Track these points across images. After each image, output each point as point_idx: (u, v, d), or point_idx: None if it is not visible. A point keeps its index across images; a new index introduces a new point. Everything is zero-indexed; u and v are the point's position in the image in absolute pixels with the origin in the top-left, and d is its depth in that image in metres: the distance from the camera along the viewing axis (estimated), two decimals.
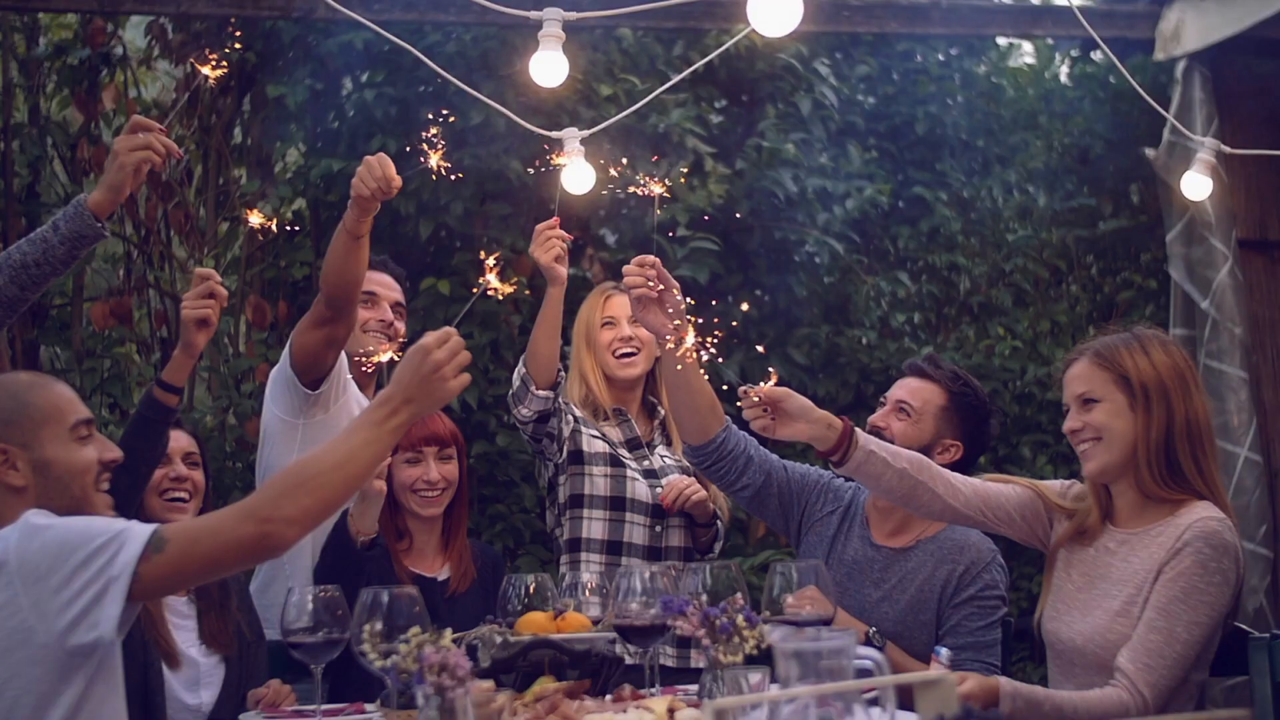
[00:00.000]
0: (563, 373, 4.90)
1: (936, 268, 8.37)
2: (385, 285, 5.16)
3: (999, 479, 4.25)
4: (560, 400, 4.97)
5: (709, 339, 4.22)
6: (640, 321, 4.45)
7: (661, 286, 4.31)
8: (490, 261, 3.90)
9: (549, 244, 4.71)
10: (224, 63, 4.36)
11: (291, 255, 7.69)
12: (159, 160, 3.90)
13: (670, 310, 4.33)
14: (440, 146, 4.51)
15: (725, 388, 5.11)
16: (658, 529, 4.97)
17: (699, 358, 4.33)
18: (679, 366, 4.38)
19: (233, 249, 8.02)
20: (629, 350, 5.03)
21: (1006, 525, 4.15)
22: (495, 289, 3.90)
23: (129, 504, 4.10)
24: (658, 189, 4.53)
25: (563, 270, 4.74)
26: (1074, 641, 3.89)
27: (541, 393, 4.83)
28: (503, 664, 3.53)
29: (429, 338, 3.12)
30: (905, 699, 2.67)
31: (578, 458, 4.99)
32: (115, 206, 3.92)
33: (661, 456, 5.11)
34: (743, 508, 4.91)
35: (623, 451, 5.01)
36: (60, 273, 3.91)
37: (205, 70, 4.39)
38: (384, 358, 3.92)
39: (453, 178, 4.77)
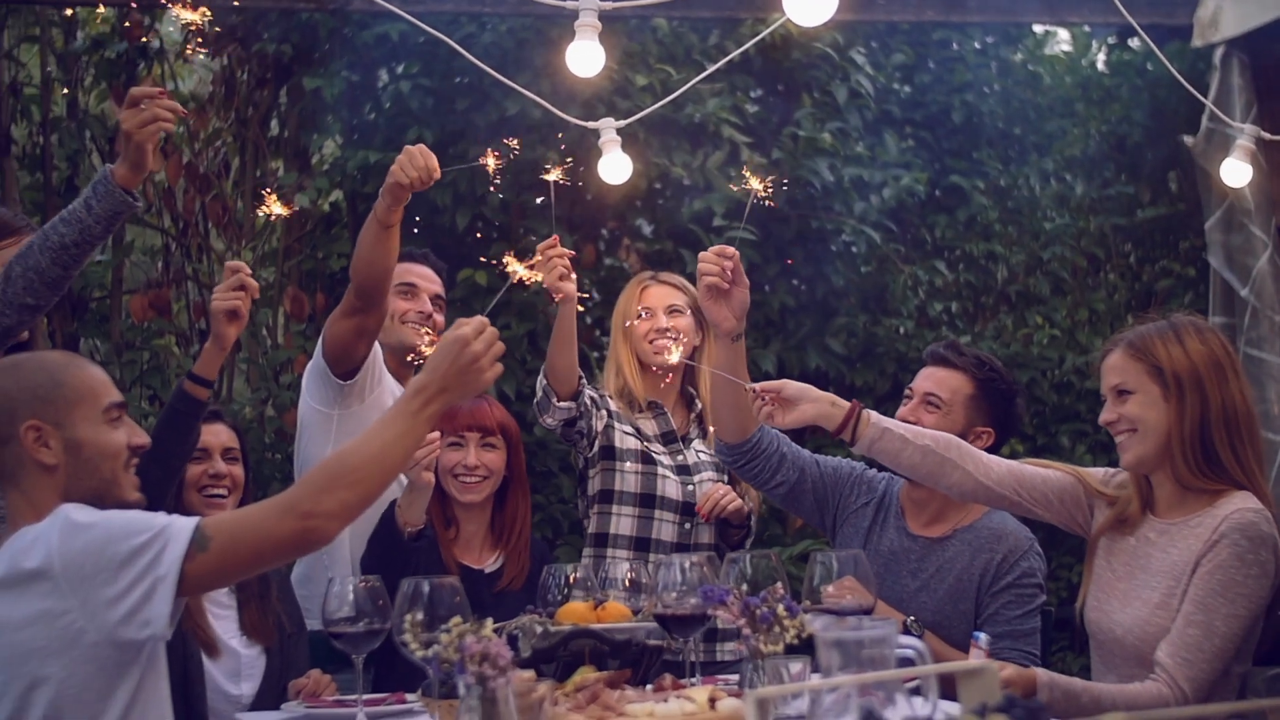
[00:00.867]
0: (584, 379, 4.89)
1: (974, 256, 8.33)
2: (425, 278, 5.17)
3: (1039, 463, 4.23)
4: (595, 393, 4.97)
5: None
6: (704, 310, 4.45)
7: (733, 281, 4.33)
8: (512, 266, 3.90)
9: (550, 265, 4.70)
10: (205, 9, 4.32)
11: (329, 247, 7.71)
12: (171, 125, 3.89)
13: (736, 305, 4.35)
14: (498, 161, 4.52)
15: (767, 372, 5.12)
16: (687, 526, 4.98)
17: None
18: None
19: (270, 241, 8.04)
20: (665, 339, 5.02)
21: (1043, 508, 4.13)
22: (524, 277, 3.90)
23: (160, 497, 4.11)
24: (755, 183, 4.53)
25: (569, 288, 4.72)
26: (1114, 632, 3.87)
27: (563, 404, 4.83)
28: (543, 654, 3.53)
29: (466, 328, 3.11)
30: (945, 688, 2.67)
31: (609, 453, 4.99)
32: (141, 179, 3.92)
33: (697, 451, 5.11)
34: (778, 505, 4.90)
35: (656, 446, 5.01)
36: (97, 247, 3.91)
37: (190, 15, 4.32)
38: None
39: (492, 187, 4.76)
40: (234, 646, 4.38)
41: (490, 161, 4.53)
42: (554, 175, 4.56)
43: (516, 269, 3.87)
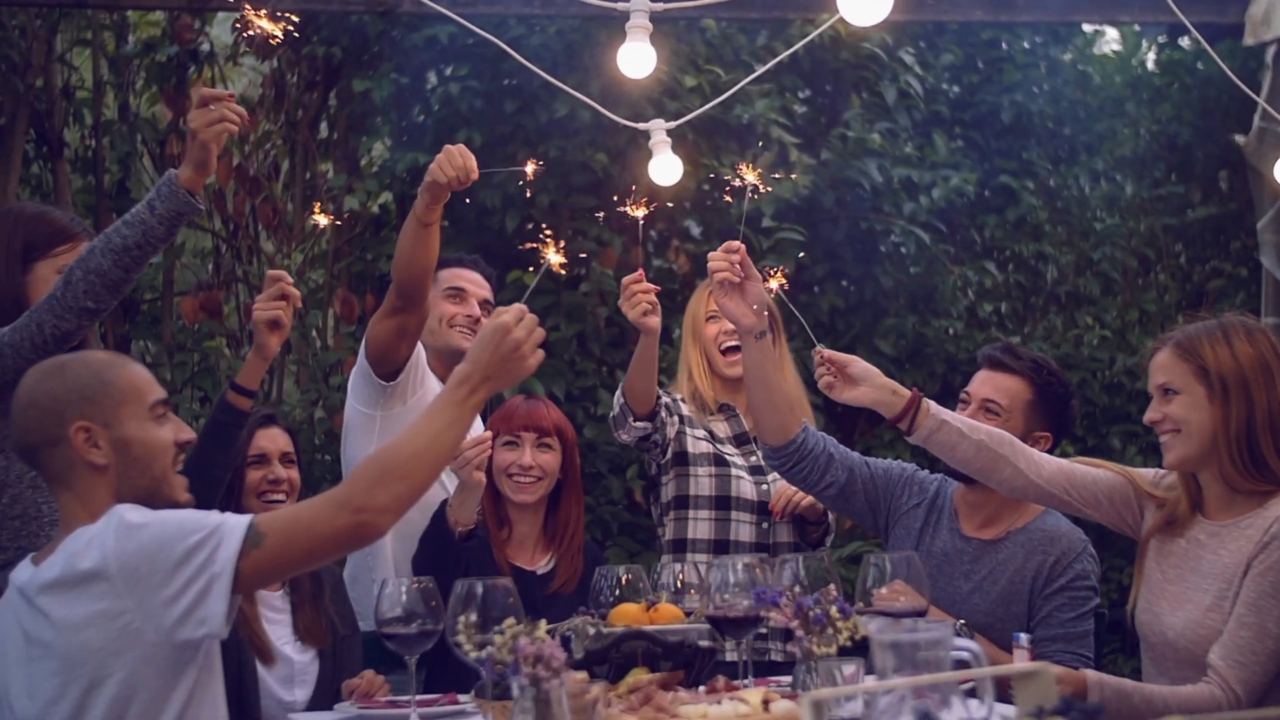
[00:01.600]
0: (660, 399, 4.89)
1: (1023, 257, 8.31)
2: (474, 282, 5.16)
3: (1090, 462, 4.19)
4: (668, 399, 4.97)
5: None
6: (721, 309, 4.44)
7: (744, 275, 4.32)
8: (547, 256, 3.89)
9: (635, 300, 4.69)
10: (279, 19, 4.34)
11: (378, 249, 7.74)
12: (236, 129, 3.90)
13: (752, 301, 4.34)
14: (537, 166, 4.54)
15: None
16: (765, 526, 4.97)
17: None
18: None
19: (320, 243, 8.08)
20: (734, 344, 5.01)
21: (1093, 508, 4.10)
22: (556, 264, 3.90)
23: (205, 508, 4.11)
24: (750, 177, 4.51)
25: (653, 322, 4.68)
26: (1165, 635, 3.85)
27: (639, 424, 4.84)
28: (596, 655, 3.53)
29: (506, 315, 3.10)
30: (999, 691, 2.66)
31: (682, 459, 5.00)
32: (204, 181, 3.93)
33: None
34: (829, 507, 4.89)
35: (728, 448, 5.00)
36: (158, 250, 3.93)
37: (262, 23, 4.35)
38: None
39: (528, 193, 4.74)
40: (287, 653, 4.37)
41: (529, 168, 4.52)
42: (640, 211, 4.53)
43: (551, 257, 3.86)
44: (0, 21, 7.56)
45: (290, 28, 4.27)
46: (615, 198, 4.92)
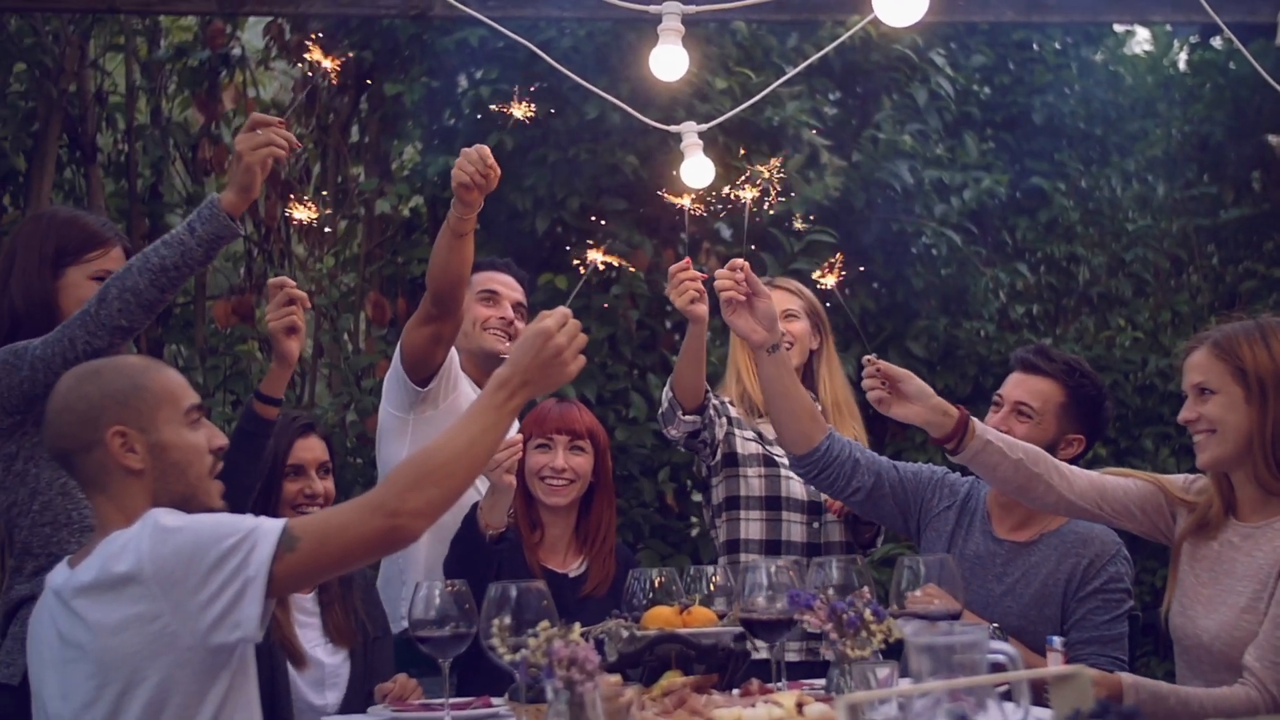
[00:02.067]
0: (709, 393, 4.89)
1: (1055, 258, 8.29)
2: (507, 285, 5.18)
3: (1119, 473, 4.18)
4: (716, 401, 4.98)
5: None
6: (731, 325, 4.45)
7: (752, 291, 4.33)
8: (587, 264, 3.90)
9: (683, 288, 4.69)
10: (340, 59, 4.39)
11: (410, 252, 7.76)
12: (283, 154, 3.90)
13: (762, 317, 4.35)
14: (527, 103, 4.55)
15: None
16: (815, 525, 4.97)
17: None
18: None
19: (351, 246, 8.10)
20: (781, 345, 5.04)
21: (1125, 519, 4.09)
22: (600, 263, 3.91)
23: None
24: (749, 195, 4.51)
25: (700, 310, 4.68)
26: (1200, 638, 3.83)
27: (688, 418, 4.84)
28: (629, 658, 3.53)
29: (549, 320, 3.06)
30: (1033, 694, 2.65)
31: (731, 460, 5.01)
32: (247, 205, 3.94)
33: None
34: (858, 512, 4.89)
35: (777, 449, 5.00)
36: (196, 272, 3.95)
37: (325, 62, 4.39)
38: None
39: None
40: (318, 655, 4.38)
41: (518, 111, 4.52)
42: (686, 201, 4.53)
43: (595, 257, 3.87)
44: (34, 27, 7.60)
45: (341, 60, 4.30)
46: (649, 203, 4.92)
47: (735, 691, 3.47)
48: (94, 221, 4.22)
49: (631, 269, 7.29)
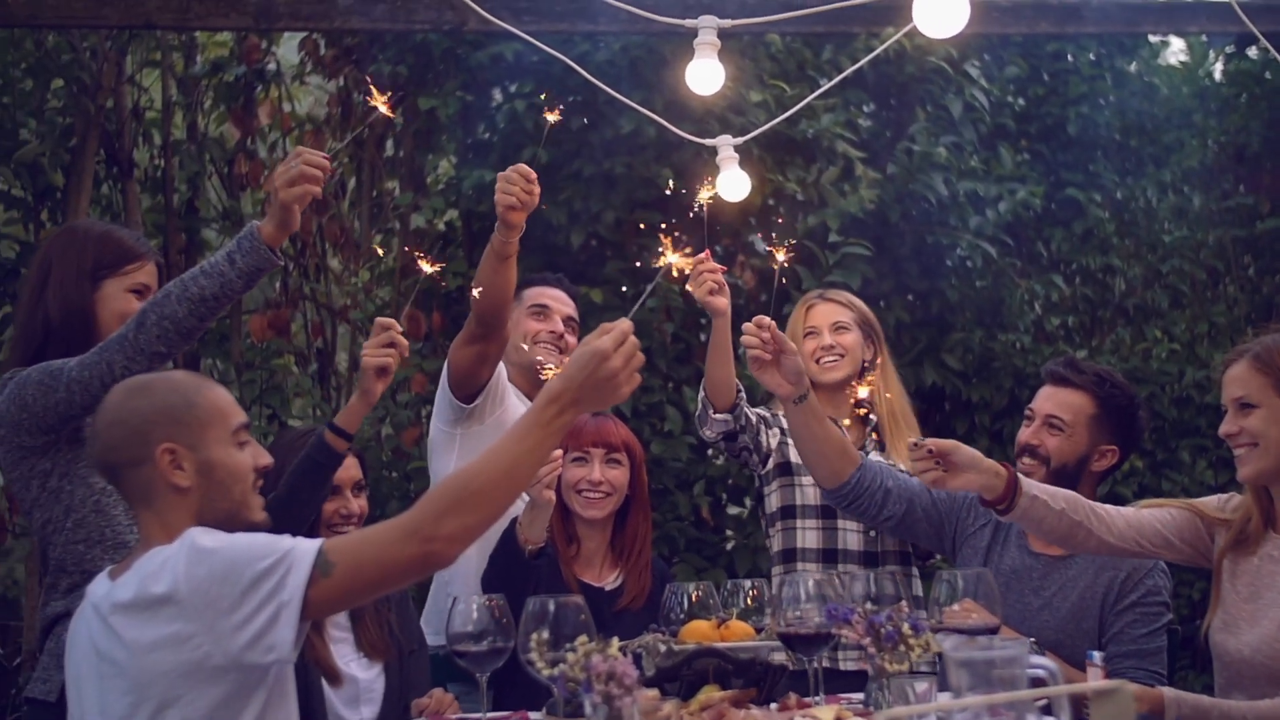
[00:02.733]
0: (741, 392, 4.89)
1: (1091, 270, 8.28)
2: (558, 300, 5.23)
3: (1154, 504, 4.16)
4: (767, 412, 4.99)
5: None
6: (759, 380, 4.46)
7: (778, 348, 4.35)
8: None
9: (701, 279, 4.70)
10: (387, 96, 4.42)
11: (445, 266, 7.77)
12: (319, 191, 3.93)
13: (788, 372, 4.36)
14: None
15: (862, 411, 5.10)
16: (872, 534, 4.96)
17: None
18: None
19: (386, 260, 8.12)
20: (831, 357, 5.05)
21: (1166, 550, 4.07)
22: (675, 265, 3.91)
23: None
24: (706, 194, 4.49)
25: (721, 302, 4.69)
26: (1241, 653, 3.81)
27: (720, 416, 4.85)
28: (667, 673, 3.53)
29: (605, 341, 2.99)
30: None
31: (786, 469, 5.02)
32: (286, 238, 3.96)
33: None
34: (892, 536, 4.88)
35: None
36: (234, 299, 3.97)
37: (382, 105, 4.44)
38: None
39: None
40: (353, 671, 4.38)
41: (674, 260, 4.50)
42: (705, 195, 4.52)
43: (670, 258, 3.87)
44: (72, 44, 7.64)
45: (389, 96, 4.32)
46: (685, 217, 4.91)
47: (773, 706, 3.47)
48: (128, 236, 4.24)
49: (666, 282, 7.29)
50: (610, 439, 4.77)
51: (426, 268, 4.46)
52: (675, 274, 3.99)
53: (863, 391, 4.53)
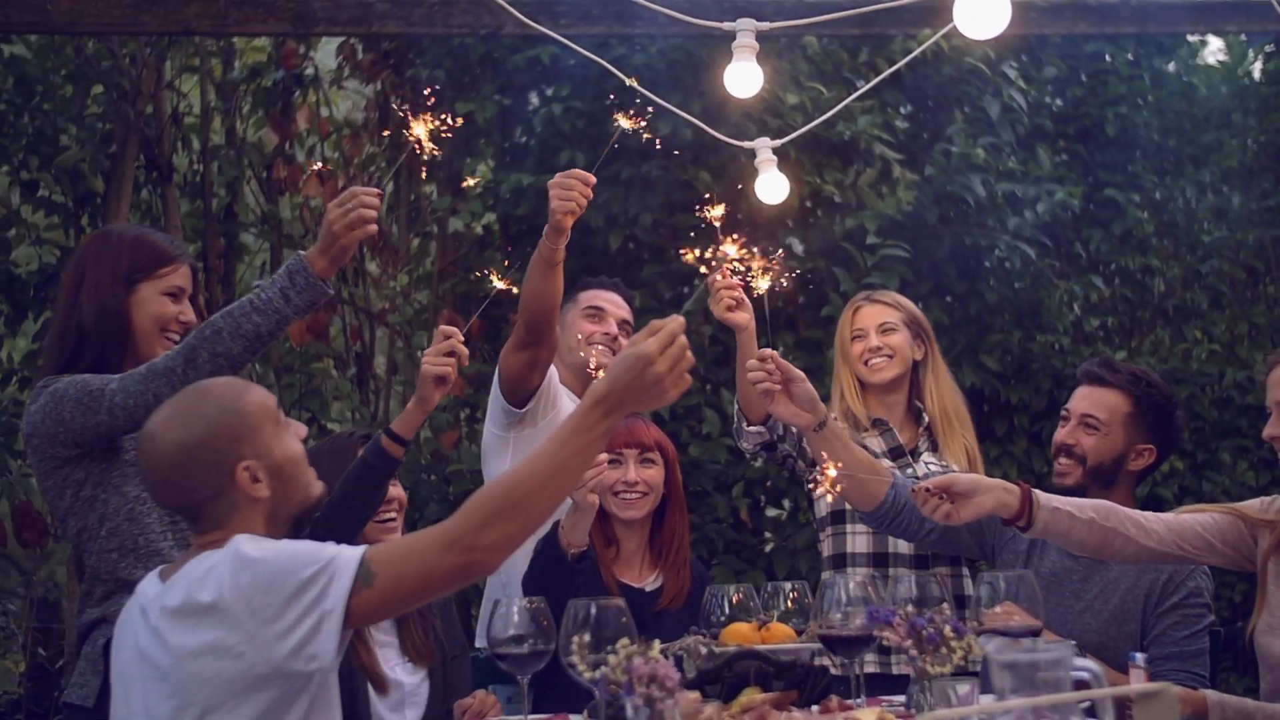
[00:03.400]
0: None
1: (1130, 271, 8.23)
2: (613, 303, 5.28)
3: (1195, 509, 4.14)
4: None
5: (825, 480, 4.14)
6: (774, 414, 4.46)
7: (786, 377, 4.34)
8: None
9: (718, 296, 4.71)
10: (436, 120, 4.44)
11: (483, 269, 7.77)
12: (374, 229, 3.98)
13: (801, 400, 4.35)
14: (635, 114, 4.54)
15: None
16: None
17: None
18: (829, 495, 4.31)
19: (425, 264, 8.15)
20: (879, 358, 5.06)
21: (1208, 554, 4.05)
22: (731, 257, 3.91)
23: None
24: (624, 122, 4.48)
25: (741, 317, 4.70)
26: None
27: (754, 429, 4.88)
28: (708, 675, 3.54)
29: (651, 344, 2.90)
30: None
31: None
32: (337, 271, 4.02)
33: (927, 464, 5.10)
34: (932, 550, 4.87)
35: (884, 462, 4.99)
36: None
37: (420, 130, 4.46)
38: None
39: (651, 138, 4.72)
40: (397, 676, 4.40)
41: (624, 121, 4.49)
42: (718, 210, 4.50)
43: (730, 251, 3.87)
44: (111, 50, 7.69)
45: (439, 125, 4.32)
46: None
47: (814, 708, 3.47)
48: (162, 238, 4.26)
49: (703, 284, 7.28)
50: (643, 439, 4.79)
51: (498, 283, 4.51)
52: (729, 266, 3.98)
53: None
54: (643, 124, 4.37)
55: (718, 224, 4.40)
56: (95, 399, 3.84)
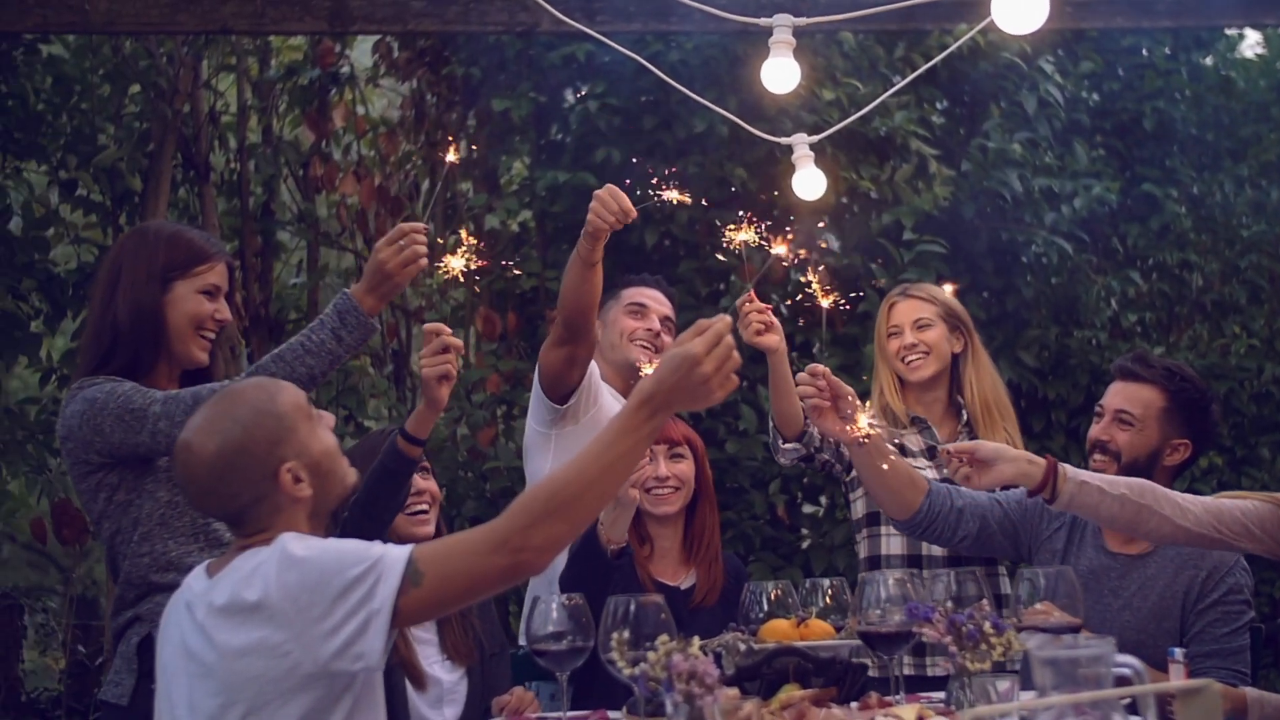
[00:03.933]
0: (808, 420, 4.88)
1: (1167, 265, 8.21)
2: (655, 300, 5.27)
3: (1236, 495, 4.12)
4: None
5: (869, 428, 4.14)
6: (821, 430, 4.43)
7: (834, 393, 4.32)
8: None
9: (746, 321, 4.70)
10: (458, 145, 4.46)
11: (519, 266, 7.79)
12: (426, 263, 4.00)
13: (846, 416, 4.32)
14: (674, 185, 4.53)
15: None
16: None
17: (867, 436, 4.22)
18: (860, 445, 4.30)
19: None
20: (915, 355, 5.04)
21: (1246, 540, 4.02)
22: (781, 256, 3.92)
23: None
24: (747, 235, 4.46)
25: (771, 340, 4.69)
26: None
27: (790, 445, 4.87)
28: (747, 671, 3.53)
29: (697, 345, 2.90)
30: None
31: None
32: (384, 308, 4.05)
33: None
34: (968, 555, 4.86)
35: (920, 461, 4.97)
36: None
37: (451, 155, 4.49)
38: None
39: (678, 197, 4.72)
40: (436, 673, 4.40)
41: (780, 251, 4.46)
42: (744, 235, 4.46)
43: (780, 251, 3.87)
44: (149, 50, 7.72)
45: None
46: (759, 215, 4.89)
47: (854, 705, 3.46)
48: (198, 236, 4.22)
49: (739, 281, 7.28)
50: (670, 434, 4.79)
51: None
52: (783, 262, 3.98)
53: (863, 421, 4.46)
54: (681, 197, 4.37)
55: (740, 249, 4.40)
56: (138, 419, 3.83)
